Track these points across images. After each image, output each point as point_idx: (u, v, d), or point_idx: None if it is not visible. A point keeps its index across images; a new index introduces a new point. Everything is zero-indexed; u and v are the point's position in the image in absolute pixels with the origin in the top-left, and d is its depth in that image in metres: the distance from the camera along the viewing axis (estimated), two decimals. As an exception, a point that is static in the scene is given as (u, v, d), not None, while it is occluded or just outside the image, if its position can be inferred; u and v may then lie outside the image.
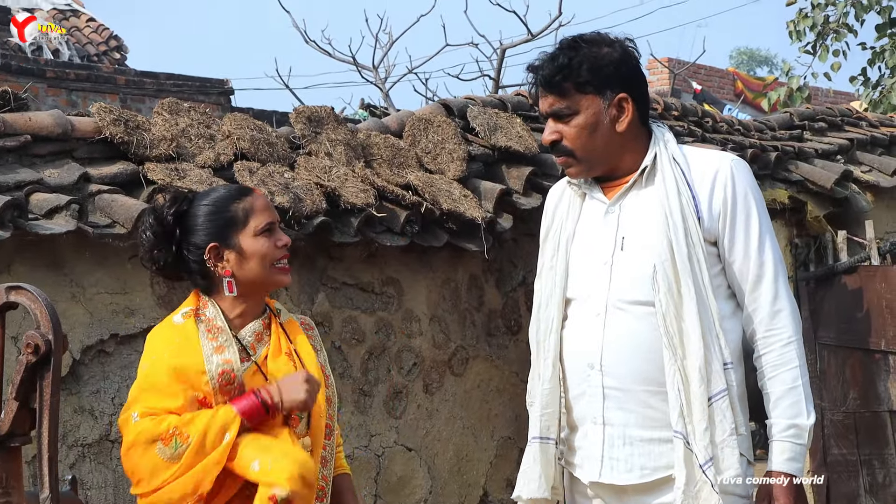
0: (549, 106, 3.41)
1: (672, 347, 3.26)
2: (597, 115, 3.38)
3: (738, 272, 3.37)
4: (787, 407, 3.30)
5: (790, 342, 3.33)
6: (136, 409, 3.15)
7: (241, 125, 4.98)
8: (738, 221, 3.36)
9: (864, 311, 6.52)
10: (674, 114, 6.88)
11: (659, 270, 3.30)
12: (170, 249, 3.31)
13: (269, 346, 3.33)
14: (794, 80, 11.47)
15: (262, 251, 3.30)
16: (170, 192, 3.42)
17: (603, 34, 3.45)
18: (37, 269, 4.26)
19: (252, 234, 3.30)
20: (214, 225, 3.30)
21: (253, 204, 3.34)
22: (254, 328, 3.33)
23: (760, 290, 3.35)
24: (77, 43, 18.65)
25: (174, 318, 3.29)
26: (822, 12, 11.27)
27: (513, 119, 5.91)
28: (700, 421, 3.24)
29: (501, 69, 10.03)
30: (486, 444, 5.68)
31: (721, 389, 3.27)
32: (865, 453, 6.57)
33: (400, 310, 5.36)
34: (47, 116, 4.53)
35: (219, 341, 3.23)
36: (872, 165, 7.57)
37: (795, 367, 3.32)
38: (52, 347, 2.89)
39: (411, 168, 5.38)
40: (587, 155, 3.41)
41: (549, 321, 3.46)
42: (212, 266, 3.29)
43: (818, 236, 6.98)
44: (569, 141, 3.40)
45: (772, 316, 3.34)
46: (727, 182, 3.37)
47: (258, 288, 3.35)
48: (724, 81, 23.34)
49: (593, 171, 3.46)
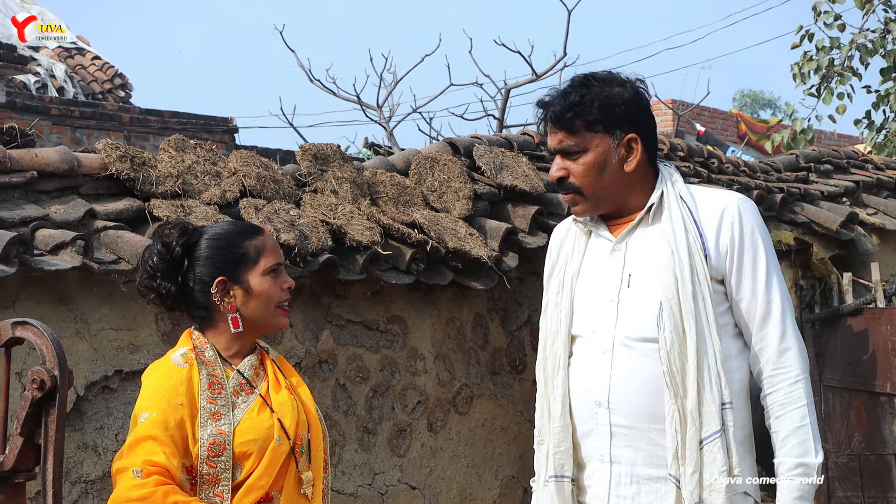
0: (557, 142, 3.39)
1: (673, 387, 3.24)
2: (606, 154, 3.36)
3: (746, 310, 3.35)
4: (796, 445, 3.28)
5: (798, 380, 3.30)
6: (138, 461, 3.08)
7: (246, 162, 4.99)
8: (745, 260, 3.34)
9: (869, 353, 6.50)
10: (679, 154, 6.88)
11: (665, 308, 3.28)
12: (175, 280, 3.27)
13: (266, 379, 3.31)
14: (797, 123, 11.48)
15: (268, 291, 3.29)
16: (178, 223, 3.40)
17: (615, 74, 3.44)
18: (42, 304, 4.25)
19: (261, 272, 3.29)
20: (224, 259, 3.28)
21: (264, 243, 3.33)
22: (251, 362, 3.31)
23: (768, 328, 3.32)
24: (82, 81, 18.73)
25: (173, 358, 3.25)
26: (827, 55, 11.29)
27: (519, 158, 5.92)
28: (689, 464, 3.22)
29: (506, 109, 10.06)
30: (489, 483, 5.65)
31: (714, 431, 3.24)
32: (870, 496, 6.53)
33: (405, 348, 5.35)
34: (53, 153, 4.53)
35: (217, 405, 3.19)
36: (878, 208, 7.58)
37: (803, 406, 3.29)
38: (58, 383, 2.89)
39: (417, 206, 5.39)
40: (594, 193, 3.39)
41: (556, 358, 3.44)
42: (217, 300, 3.27)
43: (824, 278, 6.96)
44: (576, 178, 3.38)
45: (779, 354, 3.31)
46: (734, 220, 3.35)
47: (257, 327, 3.34)
48: (727, 123, 23.38)
49: (599, 209, 3.44)
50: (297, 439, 3.25)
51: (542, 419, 3.48)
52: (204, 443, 3.13)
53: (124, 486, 3.06)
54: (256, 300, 3.28)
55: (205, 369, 3.22)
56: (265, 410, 3.23)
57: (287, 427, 3.23)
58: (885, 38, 11.23)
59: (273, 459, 3.19)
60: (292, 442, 3.23)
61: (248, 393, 3.25)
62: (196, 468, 3.13)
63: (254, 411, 3.22)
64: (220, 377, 3.23)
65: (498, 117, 10.08)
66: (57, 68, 18.05)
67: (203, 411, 3.15)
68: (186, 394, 3.16)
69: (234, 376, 3.26)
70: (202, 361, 3.23)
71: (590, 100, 3.34)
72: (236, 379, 3.25)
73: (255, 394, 3.25)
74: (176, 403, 3.13)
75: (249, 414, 3.21)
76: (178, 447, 3.11)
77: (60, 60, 18.64)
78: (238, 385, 3.25)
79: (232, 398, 3.22)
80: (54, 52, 18.89)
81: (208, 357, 3.25)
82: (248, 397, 3.24)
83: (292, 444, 3.23)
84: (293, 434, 3.24)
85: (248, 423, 3.20)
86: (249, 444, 3.18)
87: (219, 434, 3.15)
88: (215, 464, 3.14)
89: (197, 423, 3.14)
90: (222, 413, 3.18)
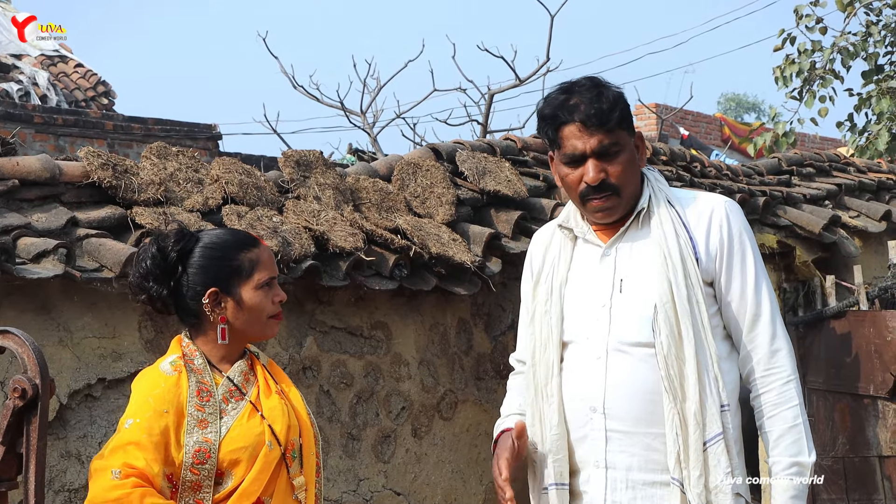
0: (597, 143, 3.30)
1: (672, 391, 3.24)
2: (632, 152, 3.37)
3: (736, 312, 3.36)
4: (790, 444, 3.30)
5: (790, 380, 3.33)
6: (117, 462, 3.06)
7: (229, 169, 4.98)
8: (734, 262, 3.36)
9: (852, 355, 6.51)
10: (662, 158, 6.89)
11: (660, 312, 3.28)
12: (167, 284, 3.26)
13: (257, 385, 3.30)
14: (780, 126, 11.49)
15: (260, 305, 3.29)
16: (176, 227, 3.38)
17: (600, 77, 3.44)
18: (24, 313, 4.23)
19: (254, 286, 3.28)
20: (219, 270, 3.27)
21: (260, 256, 3.32)
22: (241, 368, 3.30)
23: (758, 329, 3.35)
24: (65, 88, 18.59)
25: (162, 367, 3.23)
26: (809, 58, 11.31)
27: (501, 163, 5.92)
28: (695, 467, 3.22)
29: (489, 114, 10.06)
30: (474, 488, 5.65)
31: (717, 433, 3.25)
32: (854, 499, 6.53)
33: (388, 354, 5.34)
34: (35, 161, 4.52)
35: (205, 412, 3.18)
36: (860, 211, 7.60)
37: (796, 405, 3.32)
38: (40, 392, 2.88)
39: (400, 212, 5.38)
40: (628, 192, 3.38)
41: (549, 366, 3.43)
42: (208, 311, 3.26)
43: (807, 281, 6.99)
44: (615, 178, 3.33)
45: (770, 355, 3.34)
46: (723, 223, 3.37)
47: (247, 337, 3.34)
48: (711, 127, 23.41)
49: (625, 209, 3.41)
50: (288, 444, 3.25)
51: (534, 427, 3.46)
52: (189, 450, 3.12)
53: (102, 486, 3.04)
54: (248, 313, 3.28)
55: (194, 377, 3.21)
56: (255, 416, 3.22)
57: (278, 432, 3.22)
58: (867, 41, 11.25)
59: (265, 465, 3.18)
60: (283, 447, 3.22)
61: (238, 399, 3.24)
62: (179, 475, 3.12)
63: (244, 418, 3.21)
64: (209, 384, 3.22)
65: (482, 122, 10.08)
66: (40, 76, 17.93)
67: (190, 418, 3.14)
68: (173, 401, 3.14)
69: (223, 383, 3.25)
70: (191, 369, 3.22)
71: (614, 99, 3.33)
72: (226, 386, 3.25)
73: (244, 400, 3.24)
74: (161, 411, 3.12)
75: (240, 421, 3.20)
76: (160, 454, 3.09)
77: (43, 68, 18.52)
78: (228, 392, 3.24)
79: (221, 405, 3.21)
80: (37, 60, 18.79)
81: (197, 365, 3.24)
82: (237, 404, 3.23)
83: (283, 450, 3.22)
84: (284, 439, 3.23)
85: (238, 429, 3.19)
86: (240, 452, 3.17)
87: (205, 442, 3.14)
88: (199, 471, 3.13)
89: (183, 430, 3.13)
90: (209, 421, 3.17)
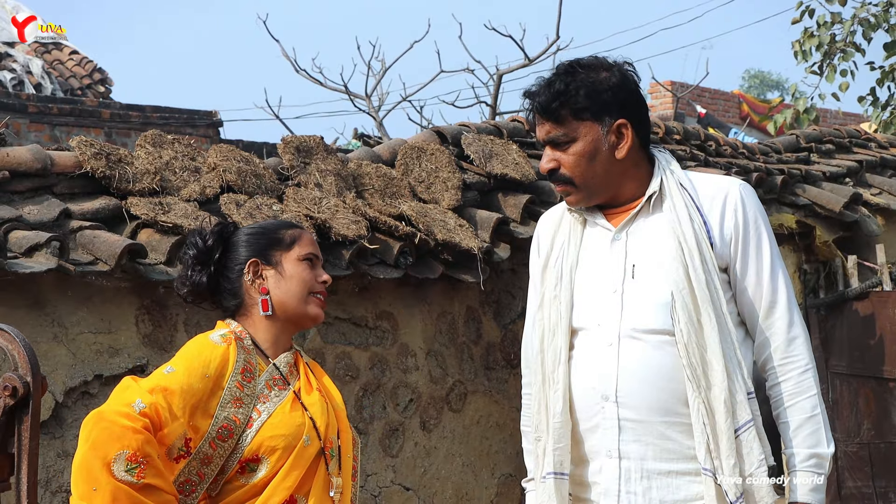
0: (546, 133, 3.34)
1: (696, 379, 3.20)
2: (595, 143, 3.31)
3: (752, 298, 3.33)
4: (808, 436, 3.27)
5: (807, 370, 3.30)
6: (148, 398, 2.96)
7: (227, 157, 4.94)
8: (749, 247, 3.33)
9: (876, 338, 6.46)
10: (675, 137, 6.84)
11: (678, 299, 3.24)
12: (207, 267, 3.27)
13: (300, 380, 3.28)
14: (800, 102, 11.34)
15: (302, 275, 3.28)
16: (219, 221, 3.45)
17: (601, 58, 3.39)
18: (17, 309, 4.18)
19: (296, 257, 3.29)
20: (258, 243, 3.30)
21: (301, 234, 3.35)
22: (287, 359, 3.28)
23: (774, 316, 3.31)
24: (60, 76, 18.39)
25: (212, 337, 3.19)
26: (829, 31, 11.14)
27: (509, 146, 5.87)
28: (728, 456, 3.19)
29: (498, 95, 10.00)
30: (486, 481, 5.61)
31: (747, 420, 3.21)
32: (881, 485, 6.48)
33: (395, 344, 5.29)
34: (25, 151, 4.49)
35: (244, 391, 3.14)
36: (882, 188, 7.52)
37: (814, 395, 3.29)
38: (31, 390, 2.86)
39: (404, 198, 5.33)
40: (587, 182, 3.35)
41: (557, 352, 3.38)
42: (249, 281, 3.26)
43: (828, 262, 6.92)
44: (567, 169, 3.34)
45: (787, 343, 3.30)
46: (737, 207, 3.33)
47: (290, 316, 3.28)
48: (729, 105, 23.27)
49: (594, 199, 3.40)
50: (326, 442, 3.22)
51: (539, 415, 3.43)
52: (217, 422, 3.07)
53: (120, 402, 2.96)
54: (289, 282, 3.27)
55: (242, 354, 3.18)
56: (298, 408, 3.20)
57: (318, 427, 3.19)
58: (889, 12, 11.08)
59: (298, 460, 3.14)
60: (322, 443, 3.19)
61: (282, 388, 3.21)
62: (197, 445, 3.05)
63: (286, 407, 3.17)
64: (255, 367, 3.19)
65: (490, 104, 10.01)
66: (34, 64, 17.76)
67: (228, 392, 3.10)
68: (217, 370, 3.10)
69: (269, 370, 3.22)
70: (241, 346, 3.19)
71: (575, 87, 3.30)
72: (271, 373, 3.21)
73: (288, 390, 3.22)
74: (203, 374, 3.08)
75: (282, 408, 3.16)
76: (185, 415, 3.03)
77: (37, 56, 18.37)
78: (272, 379, 3.21)
79: (263, 390, 3.17)
80: (31, 48, 18.67)
81: (246, 344, 3.22)
82: (281, 392, 3.20)
83: (322, 446, 3.19)
84: (324, 435, 3.20)
85: (279, 416, 3.15)
86: (278, 440, 3.12)
87: (233, 420, 3.09)
88: (217, 446, 3.08)
89: (216, 402, 3.08)
90: (244, 402, 3.13)
